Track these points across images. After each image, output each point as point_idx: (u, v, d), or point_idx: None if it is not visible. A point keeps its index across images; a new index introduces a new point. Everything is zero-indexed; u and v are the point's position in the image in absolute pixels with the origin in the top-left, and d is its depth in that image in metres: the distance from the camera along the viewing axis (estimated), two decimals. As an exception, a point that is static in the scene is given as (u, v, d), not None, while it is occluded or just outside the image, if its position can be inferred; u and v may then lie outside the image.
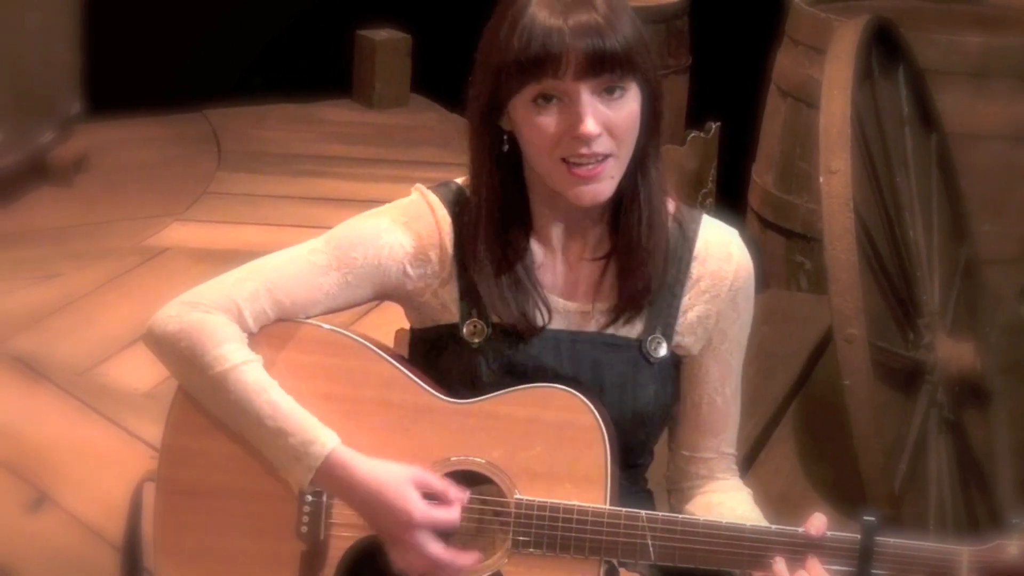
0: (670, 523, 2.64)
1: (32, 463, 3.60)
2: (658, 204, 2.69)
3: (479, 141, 2.68)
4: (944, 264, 4.19)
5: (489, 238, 2.69)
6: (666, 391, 2.78)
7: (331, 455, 2.60)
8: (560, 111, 2.54)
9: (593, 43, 2.50)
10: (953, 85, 4.52)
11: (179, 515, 2.80)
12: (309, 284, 2.72)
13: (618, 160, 2.57)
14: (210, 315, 2.66)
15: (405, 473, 2.61)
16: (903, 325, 3.87)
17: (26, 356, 4.14)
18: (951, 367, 3.90)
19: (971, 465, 4.14)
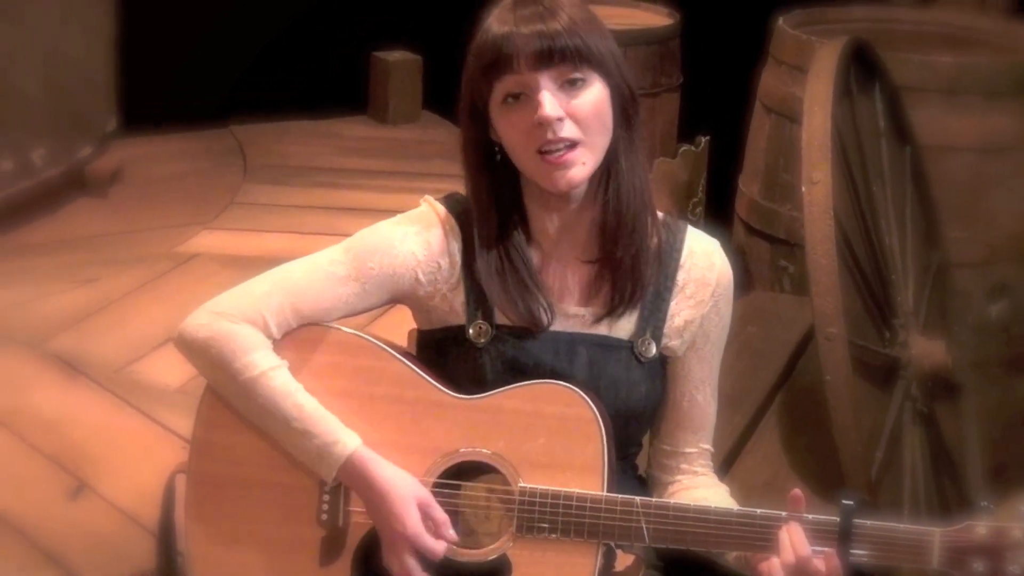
0: (663, 508, 2.66)
1: (72, 454, 3.61)
2: (639, 195, 2.72)
3: (471, 154, 2.73)
4: (917, 268, 4.19)
5: (491, 244, 2.73)
6: (655, 389, 2.81)
7: (352, 455, 2.65)
8: (525, 105, 2.59)
9: (539, 36, 2.55)
10: (926, 101, 4.51)
11: (208, 504, 2.82)
12: (329, 294, 2.75)
13: (587, 147, 2.61)
14: (237, 325, 2.70)
15: (414, 491, 2.66)
16: (879, 324, 3.88)
17: (66, 355, 4.15)
18: (924, 363, 3.91)
19: (943, 454, 4.15)
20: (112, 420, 3.79)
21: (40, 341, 4.25)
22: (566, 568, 2.70)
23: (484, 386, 2.72)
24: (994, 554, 2.57)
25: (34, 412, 3.84)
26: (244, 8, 6.37)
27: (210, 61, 6.30)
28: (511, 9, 2.63)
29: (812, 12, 5.00)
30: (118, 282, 4.68)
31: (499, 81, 2.60)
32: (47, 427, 3.75)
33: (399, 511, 2.65)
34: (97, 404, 3.86)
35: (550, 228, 2.76)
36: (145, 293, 4.58)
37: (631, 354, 2.77)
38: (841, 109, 3.87)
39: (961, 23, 5.27)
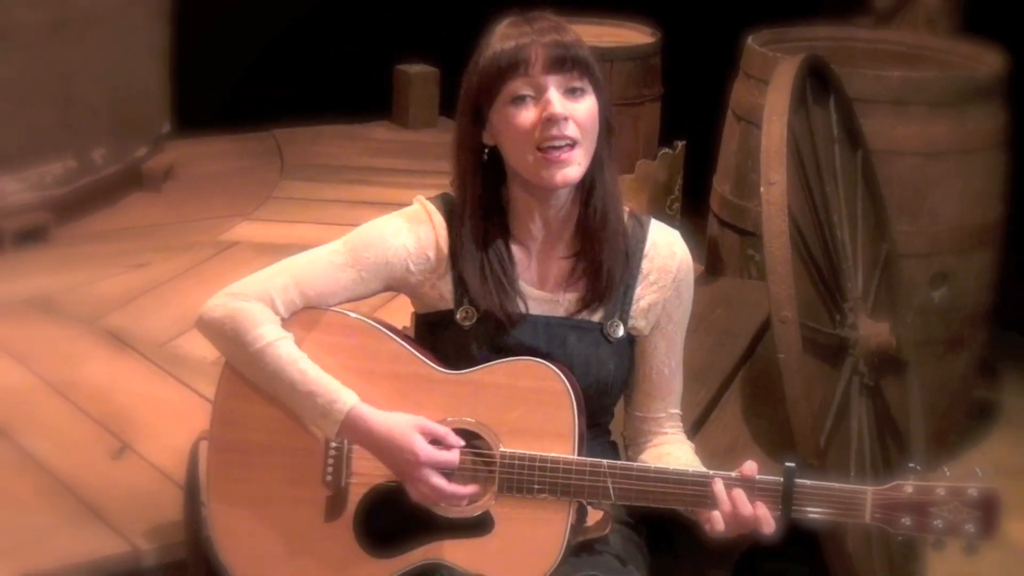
0: (627, 470, 2.69)
1: (117, 419, 3.59)
2: (612, 210, 2.76)
3: (463, 156, 2.76)
4: (867, 258, 4.17)
5: (475, 242, 2.75)
6: (623, 365, 2.83)
7: (351, 411, 2.67)
8: (533, 106, 2.61)
9: (556, 44, 2.59)
10: (877, 110, 4.51)
11: (226, 467, 2.85)
12: (329, 279, 2.78)
13: (582, 149, 2.64)
14: (248, 303, 2.73)
15: (412, 421, 2.67)
16: (831, 308, 3.86)
17: (116, 330, 4.13)
18: (870, 342, 3.90)
19: (888, 421, 4.14)
20: (154, 389, 3.77)
21: (94, 318, 4.22)
22: (542, 523, 2.71)
23: (471, 363, 2.74)
24: (920, 510, 2.60)
25: (85, 381, 3.81)
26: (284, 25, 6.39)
27: (254, 72, 6.32)
28: (525, 23, 2.65)
29: (778, 31, 4.97)
30: (166, 266, 4.66)
31: (511, 82, 2.62)
32: (96, 394, 3.72)
33: (405, 443, 2.66)
34: (141, 374, 3.84)
35: (533, 228, 2.78)
36: (190, 276, 4.55)
37: (601, 335, 2.79)
38: (798, 118, 3.85)
39: (912, 42, 5.25)
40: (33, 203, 4.89)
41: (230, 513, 2.83)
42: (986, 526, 2.59)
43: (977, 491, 2.60)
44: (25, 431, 3.52)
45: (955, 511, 2.60)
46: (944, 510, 2.60)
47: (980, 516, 2.59)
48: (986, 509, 2.59)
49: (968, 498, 2.60)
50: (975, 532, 2.60)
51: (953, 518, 2.60)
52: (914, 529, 2.62)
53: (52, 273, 4.60)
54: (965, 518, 2.60)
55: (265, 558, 2.81)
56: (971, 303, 4.81)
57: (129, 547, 3.04)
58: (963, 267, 4.73)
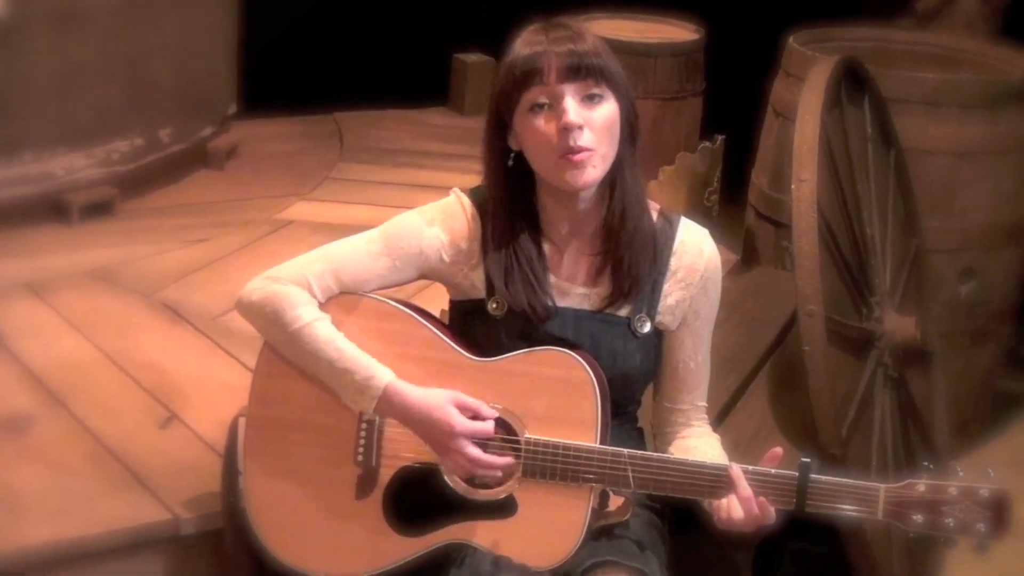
0: (646, 459, 2.64)
1: (168, 389, 3.55)
2: (637, 204, 2.71)
3: (491, 157, 2.71)
4: (896, 253, 4.08)
5: (504, 241, 2.71)
6: (648, 359, 2.78)
7: (388, 387, 2.63)
8: (551, 114, 2.57)
9: (570, 53, 2.55)
10: (911, 111, 4.39)
11: (262, 443, 2.82)
12: (365, 267, 2.74)
13: (600, 155, 2.58)
14: (286, 287, 2.71)
15: (446, 395, 2.63)
16: (858, 302, 3.77)
17: (172, 303, 4.09)
18: (896, 336, 3.81)
19: (912, 412, 4.05)
20: (204, 361, 3.73)
21: (152, 291, 4.19)
22: (563, 508, 2.66)
23: (501, 351, 2.70)
24: (932, 508, 2.54)
25: (139, 351, 3.78)
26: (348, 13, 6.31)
27: (318, 57, 6.24)
28: (542, 31, 2.61)
29: (819, 31, 4.86)
30: (223, 243, 4.62)
31: (528, 91, 2.57)
32: (148, 365, 3.69)
33: (442, 416, 2.62)
34: (193, 347, 3.80)
35: (561, 227, 2.74)
36: (245, 253, 4.51)
37: (628, 329, 2.74)
38: (831, 117, 3.77)
39: (949, 44, 5.12)
40: (100, 178, 4.86)
41: (265, 487, 2.81)
42: (997, 525, 2.55)
43: (988, 491, 2.55)
44: (78, 398, 3.49)
45: (967, 510, 2.55)
46: (956, 509, 2.55)
47: (991, 516, 2.54)
48: (997, 509, 2.54)
49: (980, 498, 2.55)
50: (986, 531, 2.55)
51: (964, 517, 2.55)
52: (926, 527, 2.58)
53: (115, 246, 4.57)
54: (976, 517, 2.55)
55: (297, 531, 2.79)
56: (998, 298, 4.72)
57: (169, 515, 3.01)
58: (991, 263, 4.63)
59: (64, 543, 2.91)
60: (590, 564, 2.62)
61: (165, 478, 3.14)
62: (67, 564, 2.91)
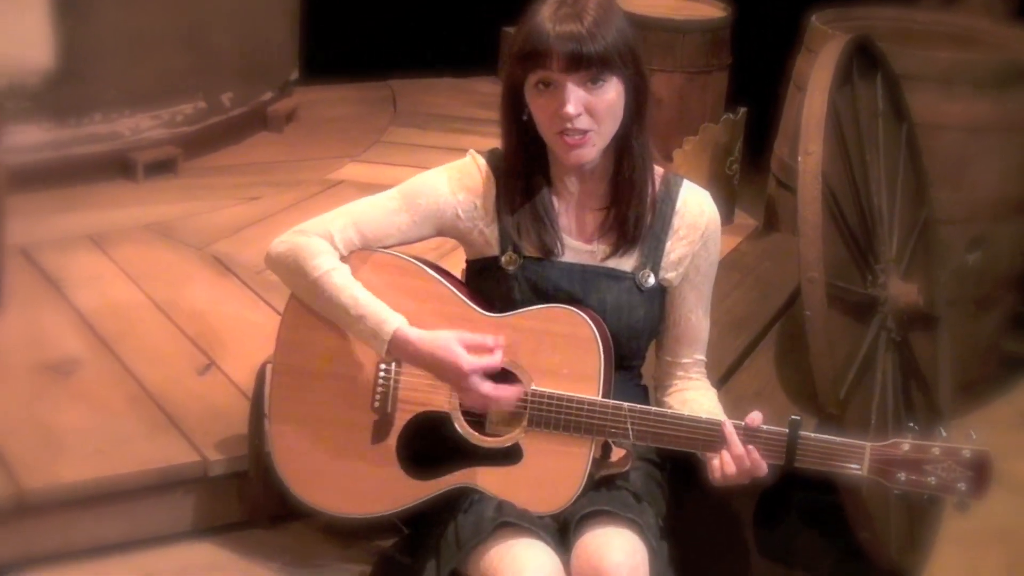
0: (644, 413, 2.62)
1: (209, 338, 3.52)
2: (642, 168, 2.67)
3: (506, 113, 2.67)
4: (905, 223, 3.97)
5: (516, 186, 2.68)
6: (653, 312, 2.74)
7: (397, 331, 2.61)
8: (553, 94, 2.53)
9: (573, 48, 2.49)
10: (925, 88, 4.25)
11: (287, 390, 2.80)
12: (385, 223, 2.72)
13: (598, 134, 2.56)
14: (310, 238, 2.70)
15: (451, 335, 2.60)
16: (863, 269, 3.67)
17: (221, 256, 4.05)
18: (899, 301, 3.71)
19: (915, 373, 3.94)
20: (246, 312, 3.69)
21: (204, 244, 4.16)
22: (566, 457, 2.63)
23: (513, 305, 2.68)
24: (915, 467, 2.51)
25: (186, 301, 3.75)
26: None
27: (375, 26, 6.18)
28: (551, 8, 2.54)
29: (841, 11, 4.74)
30: (276, 200, 4.57)
31: (534, 72, 2.54)
32: (193, 314, 3.66)
33: (450, 356, 2.58)
34: (237, 298, 3.76)
35: (569, 184, 2.71)
36: (295, 211, 4.45)
37: (633, 284, 2.71)
38: (842, 93, 3.67)
39: (966, 24, 4.98)
40: (165, 139, 4.83)
41: (288, 431, 2.80)
42: (977, 485, 2.51)
43: (970, 452, 2.52)
44: (126, 344, 3.47)
45: (949, 470, 2.52)
46: (938, 468, 2.51)
47: (972, 476, 2.50)
48: (978, 469, 2.50)
49: (961, 458, 2.51)
50: (966, 490, 2.51)
51: (946, 476, 2.51)
52: (909, 484, 2.54)
53: (175, 202, 4.54)
54: (958, 477, 2.51)
55: (316, 473, 2.78)
56: (1004, 266, 4.60)
57: (199, 457, 2.98)
58: (998, 233, 4.50)
59: (97, 481, 2.89)
60: (587, 512, 2.58)
61: (198, 422, 3.11)
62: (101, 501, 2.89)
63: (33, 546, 2.84)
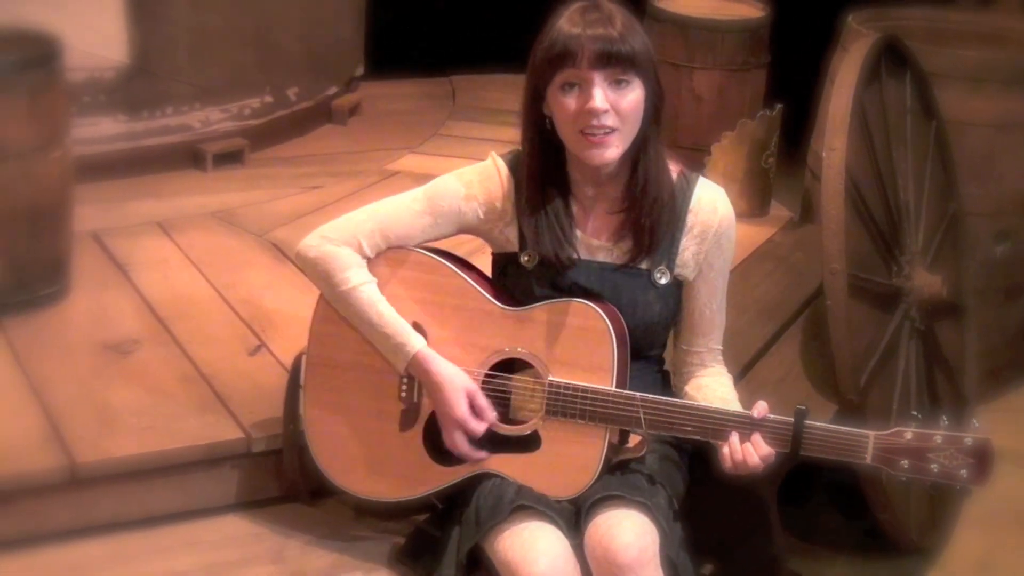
0: (656, 403, 2.56)
1: (261, 321, 3.49)
2: (657, 175, 2.61)
3: (527, 121, 2.63)
4: (932, 216, 3.88)
5: (535, 195, 2.62)
6: (668, 308, 2.68)
7: (417, 353, 2.61)
8: (579, 94, 2.48)
9: (603, 43, 2.45)
10: (955, 86, 4.16)
11: (320, 379, 2.79)
12: (409, 224, 2.69)
13: (621, 135, 2.50)
14: (338, 248, 2.67)
15: (463, 383, 2.60)
16: (888, 261, 3.59)
17: (279, 243, 4.01)
18: (923, 292, 3.63)
19: (940, 361, 3.85)
20: (300, 297, 3.60)
21: (264, 231, 4.12)
22: (581, 444, 2.59)
23: (533, 299, 2.63)
24: (918, 455, 2.44)
25: (243, 285, 3.72)
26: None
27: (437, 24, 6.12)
28: (579, 14, 2.51)
29: (877, 11, 4.63)
30: (335, 190, 4.53)
31: (561, 71, 2.49)
32: (249, 298, 3.63)
33: (451, 399, 2.59)
34: (292, 283, 3.71)
35: (587, 189, 2.65)
36: (352, 200, 4.39)
37: (648, 281, 2.65)
38: (870, 91, 3.60)
39: (999, 25, 4.86)
40: (233, 131, 4.80)
41: (321, 417, 2.79)
42: (979, 473, 2.43)
43: (972, 440, 2.44)
44: (183, 325, 3.45)
45: (951, 457, 2.44)
46: (941, 456, 2.44)
47: (974, 463, 2.43)
48: (979, 457, 2.42)
49: (964, 446, 2.43)
50: (968, 477, 2.44)
51: (949, 464, 2.44)
52: (912, 472, 2.47)
53: (240, 191, 4.51)
54: (960, 464, 2.43)
55: (348, 456, 2.76)
56: (1031, 258, 4.49)
57: (243, 434, 2.96)
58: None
59: (148, 456, 2.87)
60: (599, 497, 2.53)
61: (245, 401, 3.08)
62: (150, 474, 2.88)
63: (87, 516, 2.83)
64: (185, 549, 2.81)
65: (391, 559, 2.77)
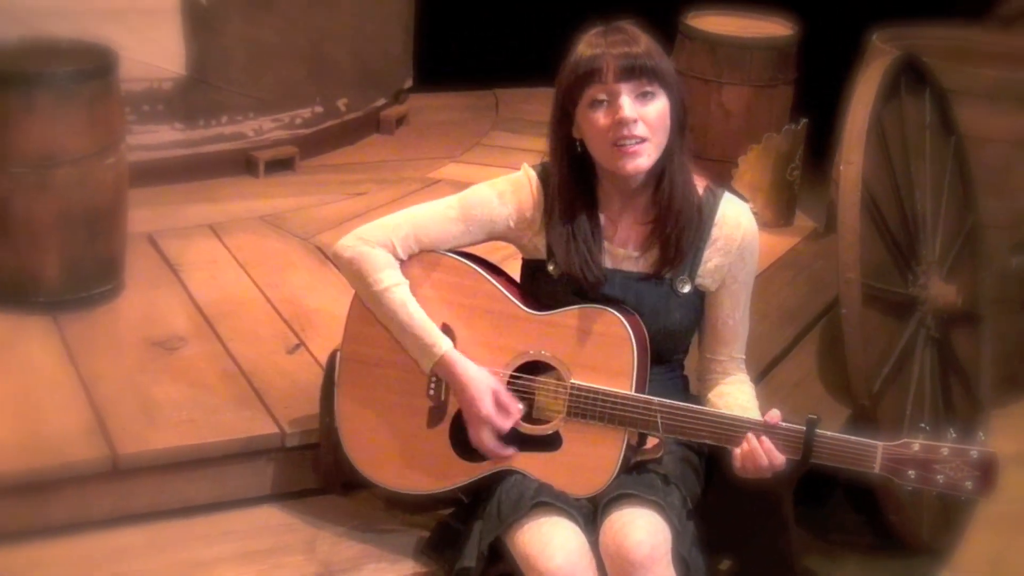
0: (673, 407, 2.53)
1: (301, 320, 3.47)
2: (683, 187, 2.57)
3: (556, 143, 2.60)
4: (950, 228, 3.80)
5: (564, 217, 2.59)
6: (689, 316, 2.64)
7: (444, 355, 2.58)
8: (608, 109, 2.45)
9: (626, 56, 2.43)
10: (973, 103, 4.05)
11: (353, 375, 2.76)
12: (442, 230, 2.67)
13: (652, 144, 2.47)
14: (373, 249, 2.65)
15: (489, 383, 2.57)
16: (903, 271, 3.52)
17: (323, 246, 3.98)
18: (938, 301, 3.56)
19: (955, 368, 3.77)
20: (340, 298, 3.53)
21: (310, 235, 4.10)
22: (601, 445, 2.55)
23: (558, 305, 2.61)
24: (925, 466, 2.39)
25: (287, 286, 3.70)
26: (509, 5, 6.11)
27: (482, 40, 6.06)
28: (601, 35, 2.50)
29: (900, 30, 4.53)
30: (379, 196, 4.50)
31: (589, 88, 2.46)
32: (291, 298, 3.61)
33: (477, 397, 2.56)
34: (333, 285, 3.67)
35: (615, 203, 2.62)
36: (395, 205, 4.29)
37: (670, 289, 2.61)
38: (889, 107, 3.53)
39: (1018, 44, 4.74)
40: (284, 139, 4.79)
41: (353, 412, 2.76)
42: (984, 484, 2.38)
43: (978, 453, 2.38)
44: (227, 324, 3.43)
45: (957, 469, 2.39)
46: (947, 467, 2.39)
47: (979, 475, 2.37)
48: (984, 469, 2.37)
49: (969, 458, 2.38)
50: (973, 489, 2.39)
51: (954, 475, 2.39)
52: (919, 482, 2.42)
53: (290, 196, 4.49)
54: (965, 476, 2.38)
55: (378, 450, 2.73)
56: (1047, 269, 4.38)
57: (277, 429, 2.93)
58: (1041, 238, 4.30)
59: (186, 448, 2.86)
60: (614, 495, 2.49)
61: (282, 397, 3.06)
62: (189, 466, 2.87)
63: (128, 504, 2.82)
64: (220, 538, 2.79)
65: (416, 551, 2.74)
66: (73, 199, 3.36)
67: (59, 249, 3.39)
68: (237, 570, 2.69)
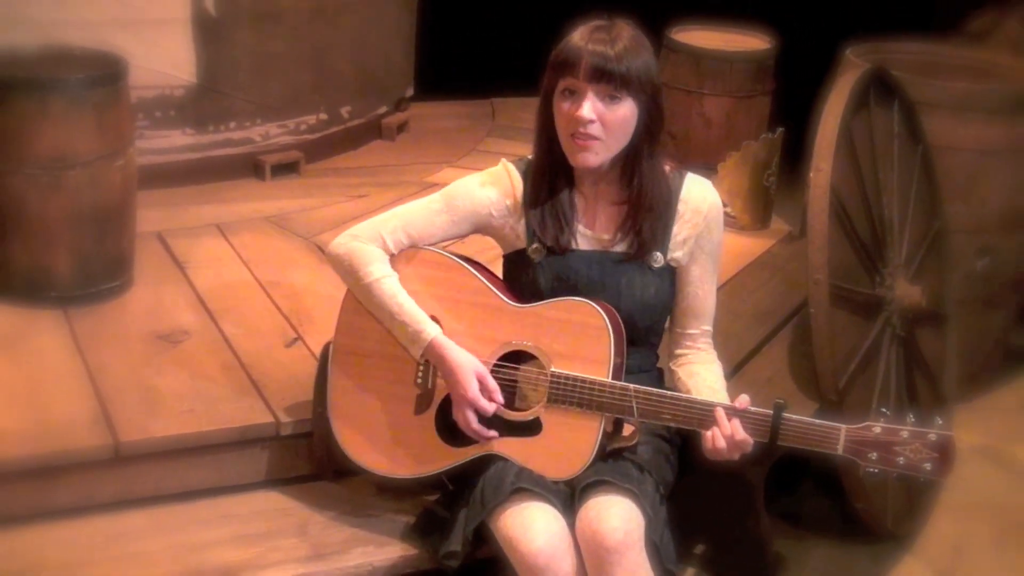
0: (648, 394, 2.52)
1: (300, 315, 3.46)
2: (652, 182, 2.58)
3: (539, 119, 2.60)
4: (917, 232, 3.77)
5: (540, 186, 2.61)
6: (663, 290, 2.64)
7: (433, 340, 2.56)
8: (575, 101, 2.46)
9: (601, 58, 2.43)
10: (941, 114, 4.03)
11: (344, 366, 2.75)
12: (429, 223, 2.67)
13: (605, 145, 2.48)
14: (364, 244, 2.64)
15: (475, 367, 2.55)
16: (871, 272, 3.50)
17: (323, 244, 3.92)
18: (904, 301, 3.53)
19: (920, 365, 3.75)
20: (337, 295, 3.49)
21: (311, 234, 4.09)
22: (579, 430, 2.55)
23: (539, 292, 2.61)
24: (886, 448, 2.40)
25: (287, 283, 3.69)
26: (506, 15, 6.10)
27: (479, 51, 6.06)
28: (590, 31, 2.49)
29: (874, 44, 4.51)
30: (378, 198, 4.48)
31: (563, 79, 2.48)
32: (290, 294, 3.60)
33: (463, 380, 2.54)
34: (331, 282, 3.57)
35: (588, 186, 2.63)
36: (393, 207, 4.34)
37: (643, 264, 2.62)
38: (858, 118, 3.51)
39: (986, 59, 4.71)
40: (290, 144, 4.78)
41: (344, 400, 2.76)
42: (942, 466, 2.39)
43: (936, 435, 2.39)
44: (229, 317, 3.42)
45: (916, 451, 2.39)
46: (907, 450, 2.39)
47: (937, 457, 2.38)
48: (943, 451, 2.38)
49: (928, 441, 2.39)
50: (932, 470, 2.39)
51: (914, 457, 2.39)
52: (880, 463, 2.42)
53: (294, 198, 4.48)
54: (924, 458, 2.39)
55: (367, 436, 2.72)
56: (1010, 271, 4.34)
57: (273, 418, 2.91)
58: (1005, 242, 4.25)
59: (186, 436, 2.84)
60: (590, 482, 2.48)
61: (278, 388, 3.05)
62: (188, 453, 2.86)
63: (130, 489, 2.81)
64: (218, 521, 2.78)
65: (403, 535, 2.73)
66: (84, 199, 3.35)
67: (70, 246, 3.37)
68: (234, 551, 2.68)
